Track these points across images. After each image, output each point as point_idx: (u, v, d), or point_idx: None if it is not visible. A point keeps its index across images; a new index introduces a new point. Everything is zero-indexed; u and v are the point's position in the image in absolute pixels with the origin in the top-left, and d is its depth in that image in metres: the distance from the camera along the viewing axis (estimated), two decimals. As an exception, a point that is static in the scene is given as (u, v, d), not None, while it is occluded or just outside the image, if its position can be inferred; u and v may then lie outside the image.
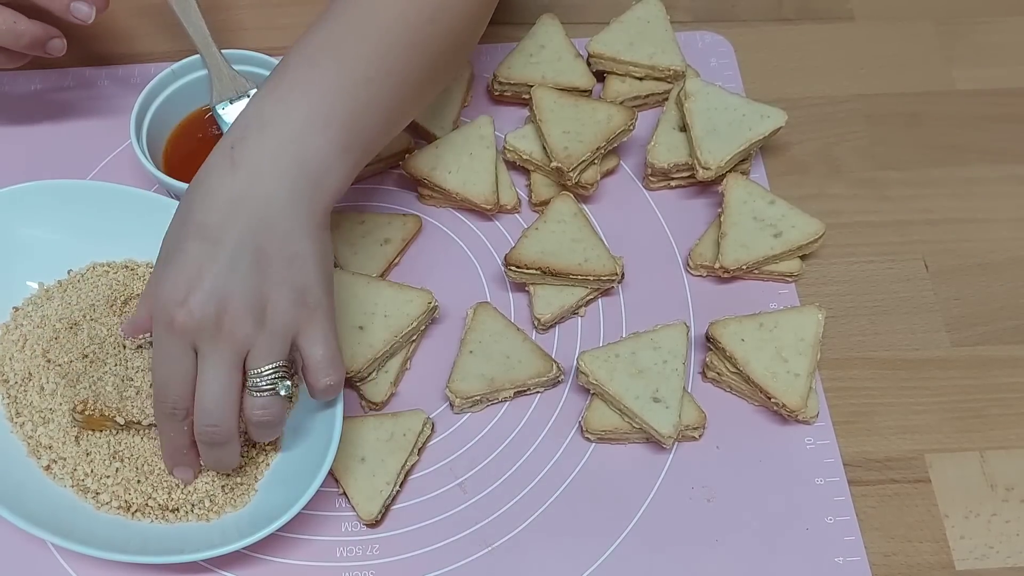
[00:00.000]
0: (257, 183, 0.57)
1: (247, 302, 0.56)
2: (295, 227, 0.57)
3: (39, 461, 0.64)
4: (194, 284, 0.56)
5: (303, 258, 0.57)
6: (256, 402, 0.58)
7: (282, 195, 0.57)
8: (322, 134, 0.58)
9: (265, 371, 0.57)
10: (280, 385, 0.58)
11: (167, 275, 0.57)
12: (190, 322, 0.56)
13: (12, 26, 0.68)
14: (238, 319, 0.56)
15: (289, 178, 0.57)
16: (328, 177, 0.59)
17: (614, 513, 0.66)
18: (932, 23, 0.88)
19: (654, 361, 0.68)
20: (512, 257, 0.72)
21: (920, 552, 0.65)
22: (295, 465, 0.64)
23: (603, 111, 0.76)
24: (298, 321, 0.58)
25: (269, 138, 0.58)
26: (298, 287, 0.57)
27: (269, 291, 0.57)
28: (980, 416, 0.70)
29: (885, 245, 0.77)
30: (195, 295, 0.56)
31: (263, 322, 0.57)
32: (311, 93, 0.59)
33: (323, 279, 0.59)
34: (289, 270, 0.57)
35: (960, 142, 0.81)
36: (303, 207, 0.58)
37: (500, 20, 0.86)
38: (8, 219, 0.69)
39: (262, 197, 0.57)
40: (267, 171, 0.57)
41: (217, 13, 0.84)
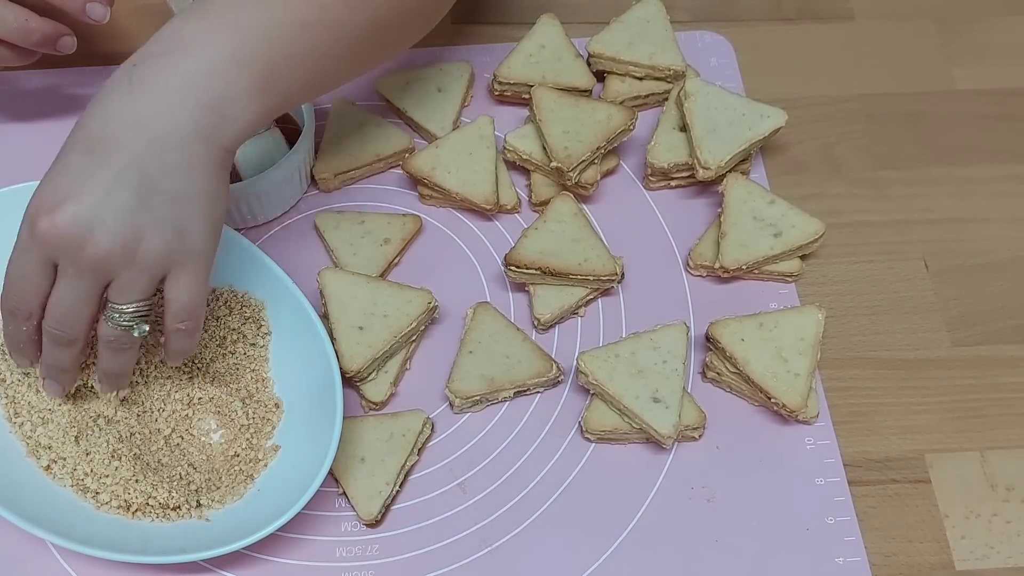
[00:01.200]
0: (156, 105, 0.54)
1: (119, 233, 0.53)
2: (189, 163, 0.54)
3: (39, 461, 0.64)
4: (66, 196, 0.53)
5: (190, 197, 0.55)
6: (110, 330, 0.57)
7: (181, 125, 0.54)
8: (237, 69, 0.55)
9: (126, 308, 0.56)
10: (137, 327, 0.57)
11: (44, 180, 0.54)
12: (51, 233, 0.53)
13: (24, 23, 0.68)
14: (105, 248, 0.53)
15: (191, 108, 0.54)
16: (235, 115, 0.55)
17: (614, 513, 0.66)
18: (932, 23, 0.88)
19: (654, 361, 0.68)
20: (512, 257, 0.72)
21: (920, 552, 0.65)
22: (295, 465, 0.64)
23: (603, 111, 0.76)
24: (170, 263, 0.55)
25: (179, 62, 0.54)
26: (178, 228, 0.55)
27: (145, 225, 0.54)
28: (980, 416, 0.70)
29: (885, 245, 0.77)
30: (64, 208, 0.53)
31: (132, 257, 0.54)
32: (235, 25, 0.55)
33: (208, 223, 0.56)
34: (172, 207, 0.54)
35: (960, 142, 0.81)
36: (200, 142, 0.54)
37: (500, 20, 0.87)
38: (8, 219, 0.69)
39: (159, 122, 0.54)
40: (169, 96, 0.54)
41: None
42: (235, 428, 0.66)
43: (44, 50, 0.71)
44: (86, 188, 0.53)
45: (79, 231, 0.53)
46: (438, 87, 0.81)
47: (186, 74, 0.54)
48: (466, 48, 0.85)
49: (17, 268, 0.56)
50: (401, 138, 0.78)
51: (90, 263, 0.54)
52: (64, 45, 0.71)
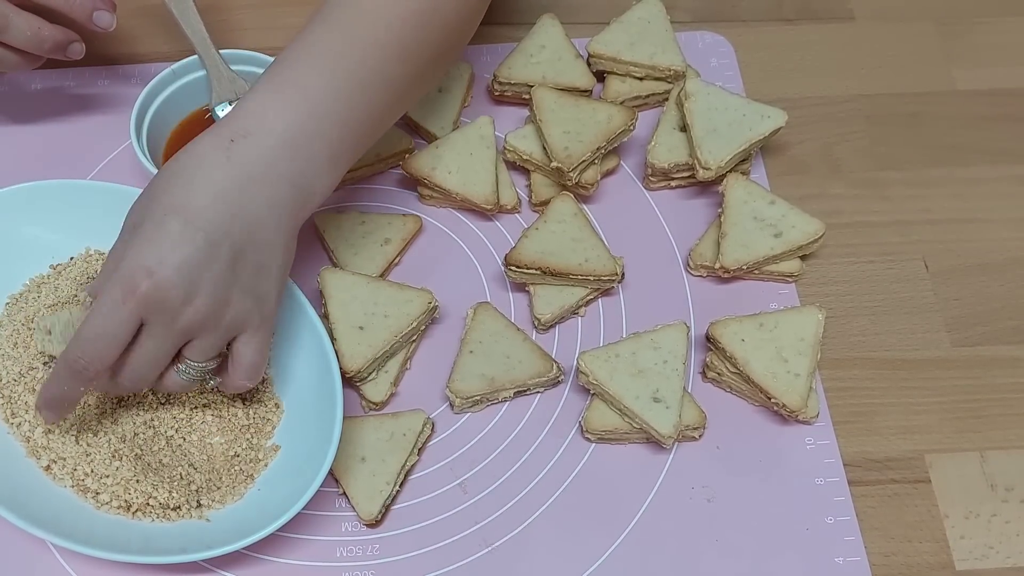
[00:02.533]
0: (250, 186, 0.57)
1: (214, 298, 0.56)
2: (274, 238, 0.58)
3: (39, 461, 0.64)
4: (167, 260, 0.55)
5: (272, 269, 0.58)
6: (177, 380, 0.60)
7: (271, 202, 0.57)
8: (314, 144, 0.59)
9: (201, 365, 0.59)
10: (210, 381, 0.61)
11: (140, 242, 0.55)
12: (154, 295, 0.55)
13: (37, 32, 0.69)
14: (200, 312, 0.56)
15: (280, 186, 0.58)
16: (315, 189, 0.60)
17: (614, 513, 0.66)
18: (932, 23, 0.88)
19: (654, 361, 0.68)
20: (512, 257, 0.72)
21: (920, 552, 0.65)
22: (295, 465, 0.64)
23: (603, 111, 0.76)
24: (246, 326, 0.59)
25: (264, 142, 0.57)
26: (259, 297, 0.58)
27: (233, 294, 0.57)
28: (980, 416, 0.70)
29: (885, 245, 0.77)
30: (167, 271, 0.55)
31: (218, 321, 0.57)
32: (307, 99, 0.59)
33: (280, 290, 0.60)
34: (257, 278, 0.58)
35: (960, 142, 0.81)
36: (286, 217, 0.58)
37: (500, 20, 0.86)
38: (8, 219, 0.69)
39: (252, 199, 0.57)
40: (261, 176, 0.57)
41: (216, 14, 0.84)
42: (235, 428, 0.66)
43: (55, 56, 0.72)
44: (186, 256, 0.55)
45: (180, 294, 0.55)
46: (438, 87, 0.81)
47: (271, 153, 0.57)
48: (466, 48, 0.84)
49: (102, 325, 0.56)
50: (401, 138, 0.78)
51: (183, 325, 0.56)
52: (74, 51, 0.72)
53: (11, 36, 0.69)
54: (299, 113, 0.58)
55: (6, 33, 0.69)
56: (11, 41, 0.69)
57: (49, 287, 0.69)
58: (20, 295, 0.69)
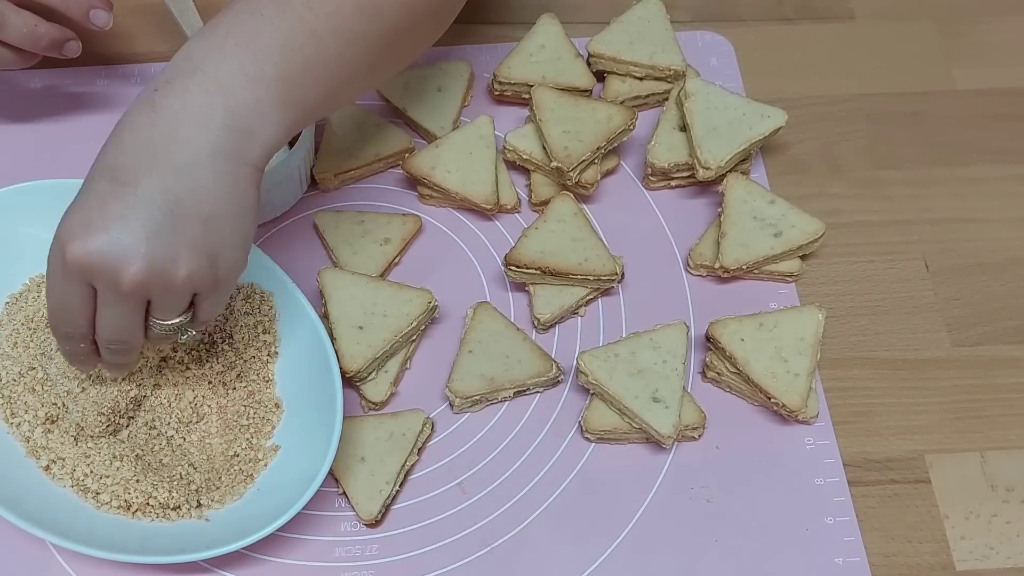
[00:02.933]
0: (179, 129, 0.53)
1: (154, 258, 0.53)
2: (217, 184, 0.54)
3: (38, 461, 0.64)
4: (94, 222, 0.52)
5: (220, 219, 0.54)
6: (155, 335, 0.58)
7: (205, 147, 0.53)
8: (256, 86, 0.55)
9: (169, 323, 0.57)
10: (185, 335, 0.59)
11: (71, 208, 0.54)
12: (85, 260, 0.52)
13: (33, 29, 0.69)
14: (142, 275, 0.53)
15: (214, 129, 0.53)
16: (259, 131, 0.55)
17: (614, 513, 0.66)
18: (932, 23, 0.88)
19: (654, 361, 0.68)
20: (512, 257, 0.72)
21: (920, 553, 0.65)
22: (295, 465, 0.64)
23: (603, 111, 0.76)
24: (202, 286, 0.55)
25: (196, 84, 0.54)
26: (211, 252, 0.54)
27: (179, 250, 0.53)
28: (980, 416, 0.70)
29: (885, 245, 0.77)
30: (95, 236, 0.52)
31: (168, 282, 0.54)
32: (250, 42, 0.55)
33: (238, 243, 0.56)
34: (204, 232, 0.54)
35: (960, 142, 0.81)
36: (228, 162, 0.54)
37: (500, 20, 0.86)
38: (8, 219, 0.69)
39: (182, 146, 0.53)
40: (190, 118, 0.53)
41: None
42: (235, 428, 0.66)
43: (51, 54, 0.72)
44: (116, 214, 0.52)
45: (113, 258, 0.52)
46: (438, 87, 0.81)
47: (201, 96, 0.54)
48: (466, 48, 0.85)
49: (57, 297, 0.55)
50: (401, 138, 0.78)
51: (128, 289, 0.53)
52: (70, 49, 0.72)
53: (7, 33, 0.69)
54: (236, 56, 0.54)
55: (2, 30, 0.68)
56: (7, 38, 0.69)
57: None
58: (20, 295, 0.69)
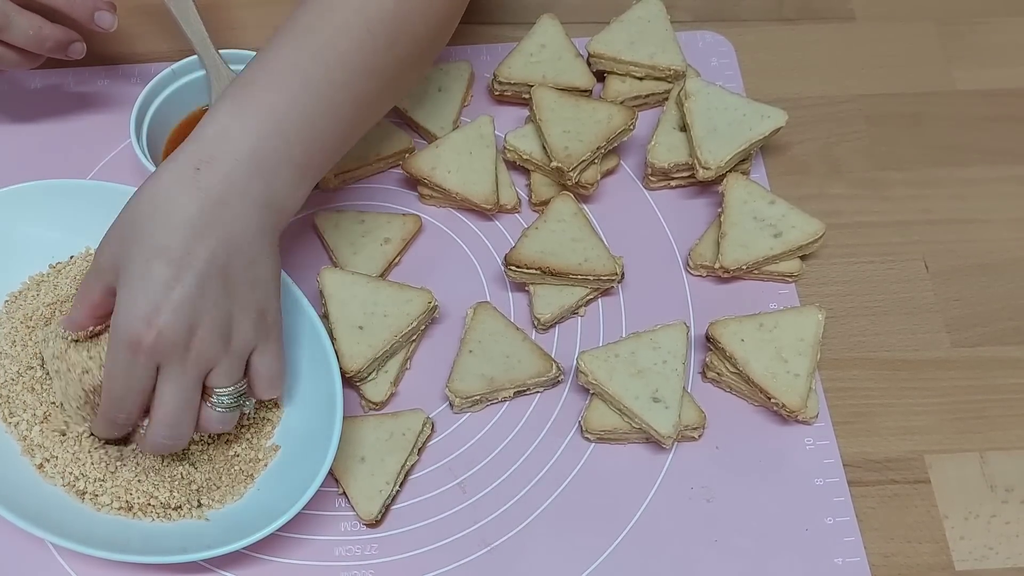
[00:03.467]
0: (224, 211, 0.57)
1: (216, 325, 0.57)
2: (260, 252, 0.59)
3: (32, 459, 0.64)
4: (161, 306, 0.55)
5: (264, 281, 0.59)
6: (215, 415, 0.60)
7: (250, 225, 0.58)
8: (285, 167, 0.59)
9: (229, 391, 0.60)
10: (245, 404, 0.61)
11: (132, 293, 0.56)
12: (160, 343, 0.56)
13: (38, 31, 0.70)
14: (207, 342, 0.57)
15: (256, 209, 0.58)
16: (285, 205, 0.60)
17: (614, 513, 0.66)
18: (932, 23, 0.88)
19: (654, 361, 0.68)
20: (512, 257, 0.72)
21: (920, 553, 0.65)
22: (295, 465, 0.64)
23: (603, 111, 0.76)
24: (257, 340, 0.59)
25: (234, 170, 0.57)
26: (260, 309, 0.59)
27: (235, 314, 0.58)
28: (980, 417, 0.70)
29: (885, 245, 0.77)
30: (164, 316, 0.55)
31: (228, 344, 0.58)
32: (272, 115, 0.59)
33: (278, 298, 0.61)
34: (253, 293, 0.58)
35: (960, 142, 0.81)
36: (267, 234, 0.59)
37: (500, 20, 0.86)
38: (8, 218, 0.69)
39: (231, 226, 0.57)
40: (234, 201, 0.57)
41: (215, 12, 0.84)
42: (235, 428, 0.66)
43: (55, 55, 0.72)
44: (179, 295, 0.56)
45: (184, 331, 0.56)
46: (438, 87, 0.81)
47: (242, 180, 0.58)
48: (466, 48, 0.85)
49: (121, 384, 0.57)
50: (401, 138, 0.78)
51: (194, 359, 0.57)
52: (74, 51, 0.73)
53: (12, 35, 0.69)
54: (263, 133, 0.58)
55: (7, 32, 0.69)
56: (12, 40, 0.69)
57: (48, 285, 0.69)
58: (19, 293, 0.69)
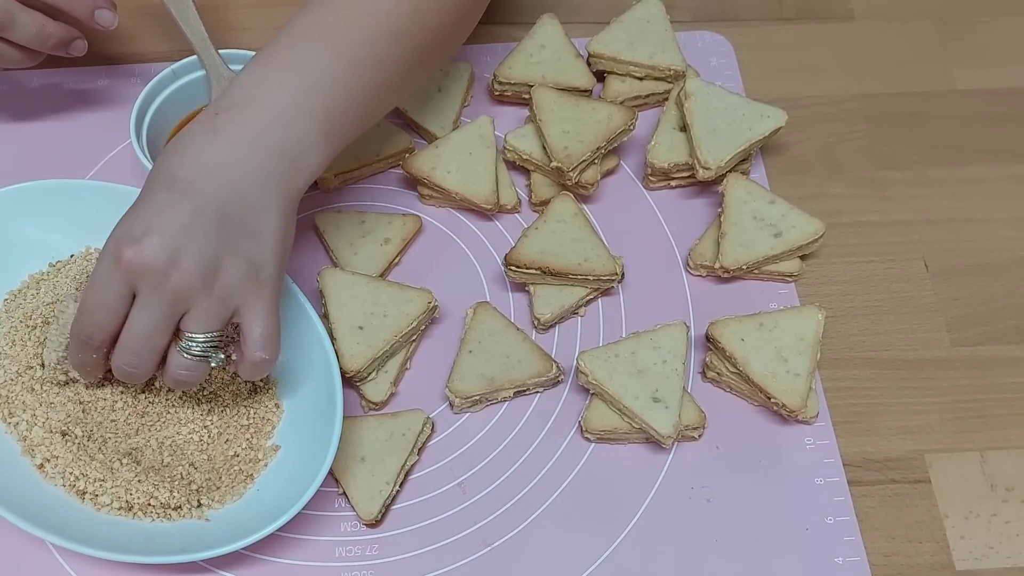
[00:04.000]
0: (236, 154, 0.57)
1: (200, 261, 0.56)
2: (264, 203, 0.58)
3: (33, 460, 0.64)
4: (152, 227, 0.56)
5: (264, 234, 0.58)
6: (182, 362, 0.59)
7: (258, 171, 0.58)
8: (304, 118, 0.59)
9: (200, 338, 0.58)
10: (213, 356, 0.59)
11: (128, 215, 0.57)
12: (136, 261, 0.56)
13: (41, 29, 0.70)
14: (187, 275, 0.56)
15: (267, 156, 0.58)
16: (305, 160, 0.60)
17: (614, 513, 0.66)
18: (932, 23, 0.88)
19: (654, 361, 0.68)
20: (512, 257, 0.72)
21: (920, 552, 0.65)
22: (295, 465, 0.64)
23: (603, 111, 0.76)
24: (245, 294, 0.58)
25: (252, 116, 0.58)
26: (254, 261, 0.58)
27: (224, 257, 0.57)
28: (980, 416, 0.70)
29: (885, 245, 0.77)
30: (150, 237, 0.55)
31: (211, 286, 0.57)
32: (296, 76, 0.60)
33: (279, 258, 0.59)
34: (248, 242, 0.58)
35: (960, 142, 0.81)
36: (276, 186, 0.58)
37: (500, 20, 0.86)
38: (8, 218, 0.69)
39: (238, 168, 0.57)
40: (247, 145, 0.58)
41: (215, 13, 0.84)
42: (235, 428, 0.66)
43: (57, 53, 0.72)
44: (170, 221, 0.56)
45: (164, 259, 0.56)
46: (438, 87, 0.81)
47: (258, 125, 0.58)
48: (466, 48, 0.85)
49: (96, 296, 0.57)
50: (401, 138, 0.78)
51: (172, 290, 0.56)
52: (76, 48, 0.73)
53: (16, 33, 0.69)
54: (288, 88, 0.59)
55: (11, 30, 0.69)
56: (16, 38, 0.70)
57: (48, 284, 0.69)
58: (19, 292, 0.69)
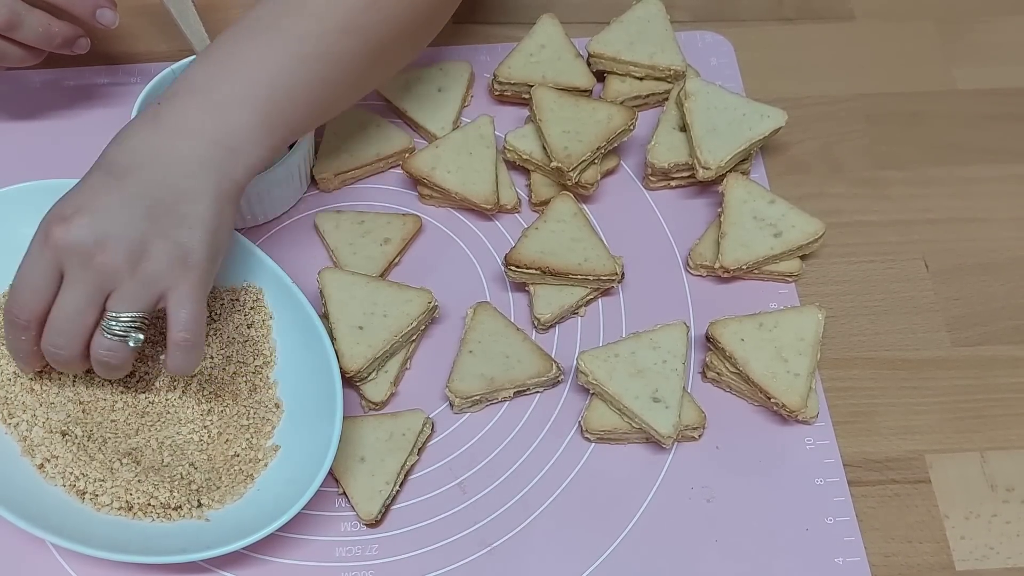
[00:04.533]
0: (174, 140, 0.58)
1: (127, 243, 0.57)
2: (197, 189, 0.58)
3: (33, 460, 0.64)
4: (81, 207, 0.57)
5: (195, 220, 0.58)
6: (104, 342, 0.59)
7: (193, 158, 0.58)
8: (245, 109, 0.60)
9: (122, 317, 0.58)
10: (131, 336, 0.59)
11: (63, 197, 0.59)
12: (63, 239, 0.57)
13: (47, 28, 0.71)
14: (112, 255, 0.57)
15: (204, 145, 0.59)
16: (244, 151, 0.60)
17: (614, 513, 0.66)
18: (932, 23, 0.88)
19: (654, 361, 0.68)
20: (512, 257, 0.72)
21: (920, 553, 0.65)
22: (295, 465, 0.64)
23: (603, 111, 0.76)
24: (171, 278, 0.58)
25: (195, 103, 0.60)
26: (182, 245, 0.58)
27: (152, 240, 0.57)
28: (980, 416, 0.70)
29: (885, 245, 0.77)
30: (79, 217, 0.57)
31: (136, 268, 0.57)
32: (243, 68, 0.61)
33: (209, 247, 0.59)
34: (178, 228, 0.58)
35: (960, 142, 0.81)
36: (210, 173, 0.59)
37: (500, 20, 0.87)
38: (8, 219, 0.69)
39: (174, 154, 0.58)
40: (185, 133, 0.59)
41: (215, 13, 0.84)
42: (235, 428, 0.66)
43: (62, 52, 0.73)
44: (101, 202, 0.57)
45: (91, 239, 0.57)
46: (438, 87, 0.81)
47: (198, 113, 0.59)
48: (466, 48, 0.85)
49: (25, 274, 0.59)
50: (401, 138, 0.78)
51: (97, 267, 0.57)
52: (80, 46, 0.74)
53: (23, 33, 0.70)
54: (228, 79, 0.60)
55: (19, 30, 0.70)
56: (23, 38, 0.70)
57: None
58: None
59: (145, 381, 0.67)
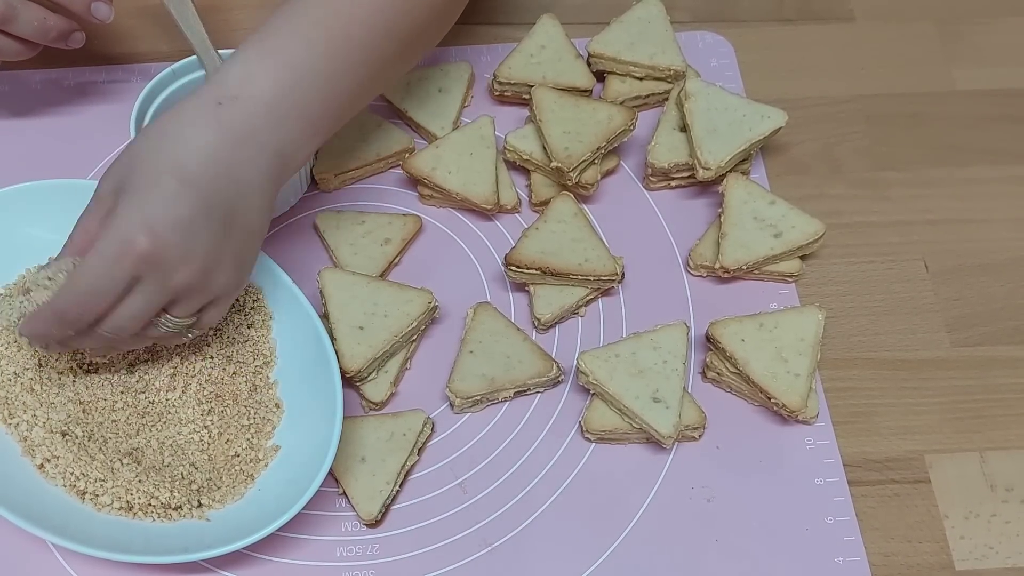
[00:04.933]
0: (242, 151, 0.58)
1: (204, 260, 0.57)
2: (262, 205, 0.59)
3: (33, 460, 0.64)
4: (166, 218, 0.55)
5: (256, 236, 0.60)
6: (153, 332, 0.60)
7: (261, 172, 0.59)
8: (293, 116, 0.60)
9: (180, 321, 0.60)
10: (186, 333, 0.61)
11: (136, 200, 0.56)
12: (154, 255, 0.55)
13: (43, 22, 0.71)
14: (191, 274, 0.57)
15: (266, 157, 0.59)
16: (296, 158, 0.61)
17: (614, 513, 0.66)
18: (932, 23, 0.88)
19: (654, 361, 0.68)
20: (512, 257, 0.72)
21: (920, 552, 0.65)
22: (295, 465, 0.64)
23: (603, 111, 0.76)
24: (225, 290, 0.60)
25: (258, 109, 0.58)
26: (243, 264, 0.60)
27: (224, 256, 0.58)
28: (980, 416, 0.70)
29: (885, 245, 0.77)
30: (167, 232, 0.55)
31: (206, 284, 0.58)
32: (292, 66, 0.60)
33: (257, 254, 0.62)
34: (244, 243, 0.59)
35: (960, 142, 0.82)
36: (268, 185, 0.59)
37: (500, 20, 0.86)
38: (8, 219, 0.69)
39: (241, 165, 0.58)
40: (252, 144, 0.58)
41: (215, 14, 0.84)
42: (235, 428, 0.66)
43: (57, 46, 0.73)
44: (185, 217, 0.56)
45: (178, 253, 0.56)
46: (438, 87, 0.81)
47: (256, 122, 0.58)
48: (466, 48, 0.85)
49: (94, 281, 0.56)
50: (401, 138, 0.78)
51: (175, 285, 0.57)
52: (75, 40, 0.74)
53: (19, 27, 0.70)
54: (283, 83, 0.59)
55: (14, 24, 0.70)
56: (19, 32, 0.70)
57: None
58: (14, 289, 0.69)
59: (145, 381, 0.67)
